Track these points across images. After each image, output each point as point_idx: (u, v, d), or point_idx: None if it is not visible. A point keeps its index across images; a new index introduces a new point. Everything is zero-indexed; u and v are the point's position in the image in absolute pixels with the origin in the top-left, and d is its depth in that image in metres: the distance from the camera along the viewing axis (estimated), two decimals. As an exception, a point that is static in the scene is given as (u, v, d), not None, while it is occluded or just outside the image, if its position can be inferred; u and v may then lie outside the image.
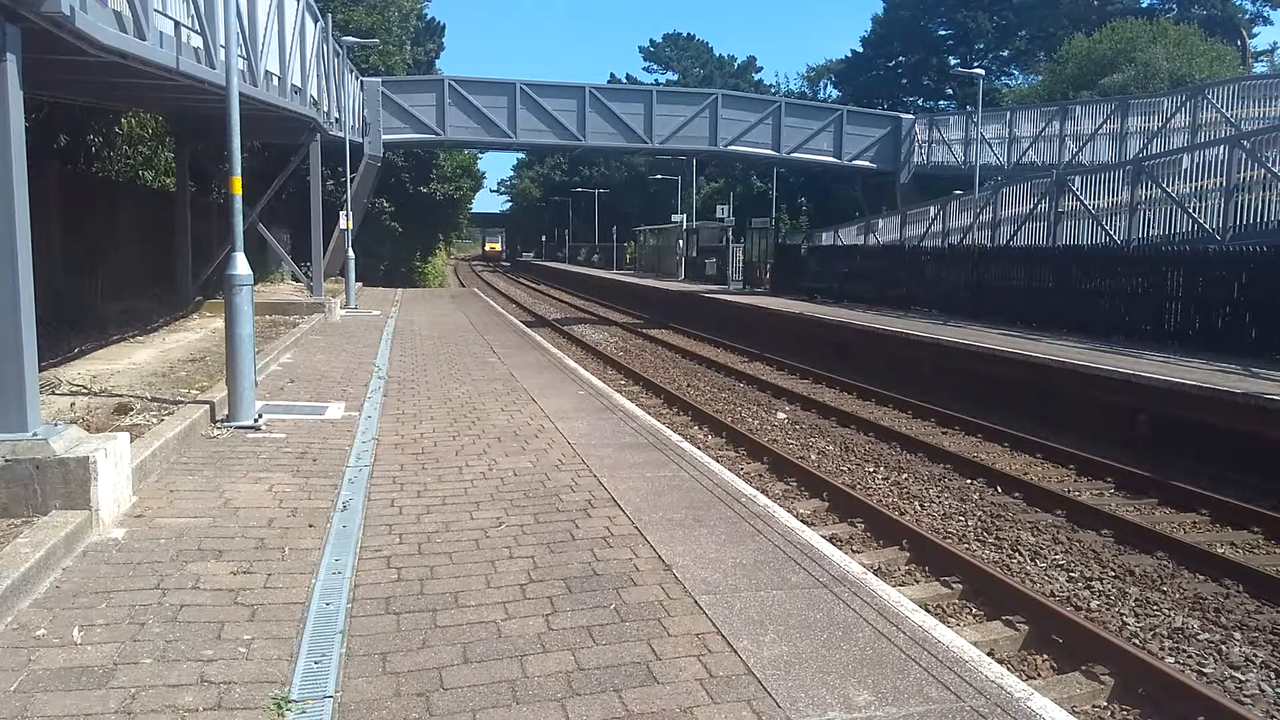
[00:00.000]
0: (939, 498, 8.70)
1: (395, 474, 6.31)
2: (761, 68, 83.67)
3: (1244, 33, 47.49)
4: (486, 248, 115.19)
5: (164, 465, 6.15)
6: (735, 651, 3.69)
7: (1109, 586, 6.54)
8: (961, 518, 8.09)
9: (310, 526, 5.09)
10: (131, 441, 5.64)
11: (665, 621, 3.97)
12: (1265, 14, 50.44)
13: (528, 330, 17.85)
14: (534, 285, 56.25)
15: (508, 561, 4.65)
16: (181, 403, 7.69)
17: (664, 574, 4.51)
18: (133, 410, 7.41)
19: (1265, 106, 22.11)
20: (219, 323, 10.04)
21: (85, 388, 8.45)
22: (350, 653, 3.60)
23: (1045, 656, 5.44)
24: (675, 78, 76.32)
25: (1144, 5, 48.52)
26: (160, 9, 8.24)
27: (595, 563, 4.65)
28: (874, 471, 9.72)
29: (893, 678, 3.51)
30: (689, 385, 15.45)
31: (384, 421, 8.09)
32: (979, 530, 7.77)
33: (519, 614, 4.01)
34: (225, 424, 7.48)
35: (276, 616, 3.89)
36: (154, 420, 7.03)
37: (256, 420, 7.55)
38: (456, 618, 3.95)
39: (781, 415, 12.85)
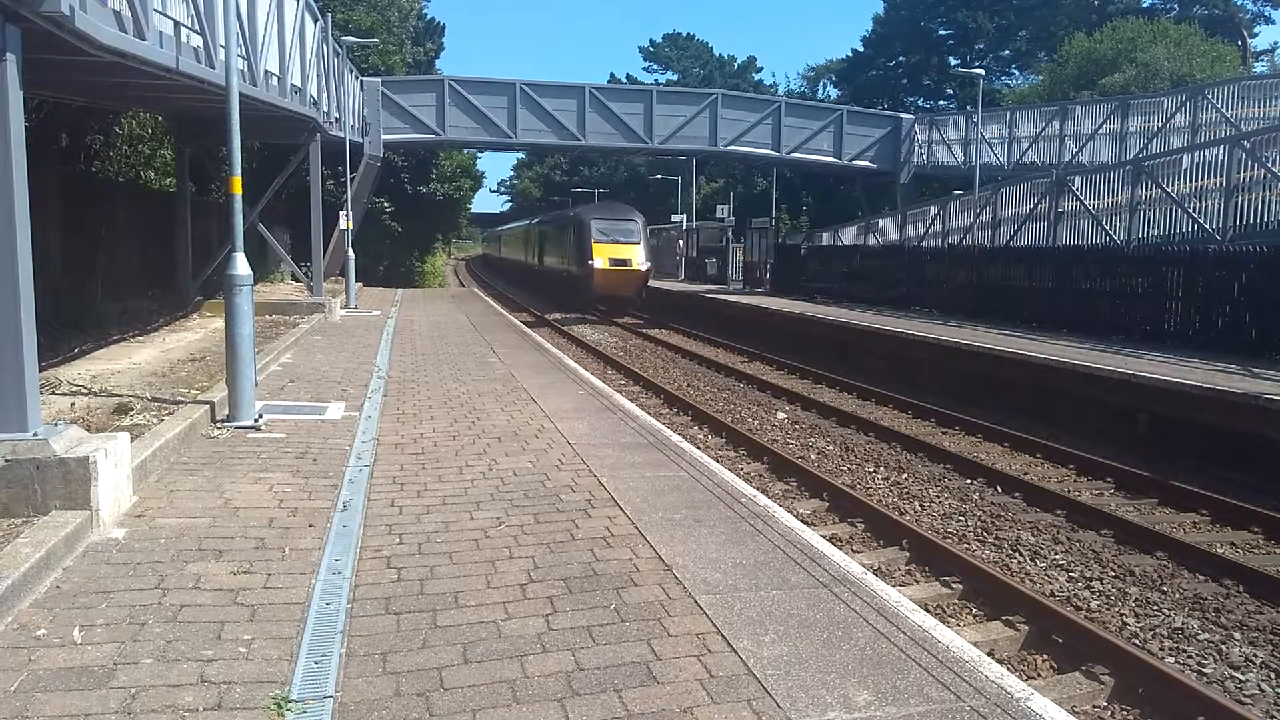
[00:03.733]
0: (939, 498, 8.70)
1: (395, 474, 6.31)
2: (761, 68, 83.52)
3: (1244, 33, 47.51)
4: (617, 258, 26.70)
5: (164, 465, 6.15)
6: (735, 651, 3.69)
7: (1109, 586, 6.53)
8: (961, 518, 8.09)
9: (310, 526, 5.09)
10: (132, 441, 5.64)
11: (665, 621, 3.97)
12: (1266, 14, 50.47)
13: (528, 330, 17.85)
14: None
15: (508, 561, 4.65)
16: (181, 403, 7.69)
17: (664, 574, 4.51)
18: (133, 410, 7.41)
19: (1265, 106, 22.14)
20: (219, 323, 10.05)
21: (85, 388, 8.45)
22: (350, 653, 3.60)
23: (1045, 656, 5.44)
24: (675, 78, 76.25)
25: (1144, 5, 48.51)
26: (160, 9, 8.25)
27: (595, 563, 4.65)
28: (874, 471, 9.72)
29: (893, 678, 3.51)
30: (689, 385, 15.43)
31: (384, 421, 8.09)
32: (979, 530, 7.76)
33: (519, 614, 4.01)
34: (225, 424, 7.48)
35: (276, 616, 3.89)
36: (154, 420, 7.04)
37: (257, 420, 7.55)
38: (456, 618, 3.96)
39: (781, 415, 12.85)
